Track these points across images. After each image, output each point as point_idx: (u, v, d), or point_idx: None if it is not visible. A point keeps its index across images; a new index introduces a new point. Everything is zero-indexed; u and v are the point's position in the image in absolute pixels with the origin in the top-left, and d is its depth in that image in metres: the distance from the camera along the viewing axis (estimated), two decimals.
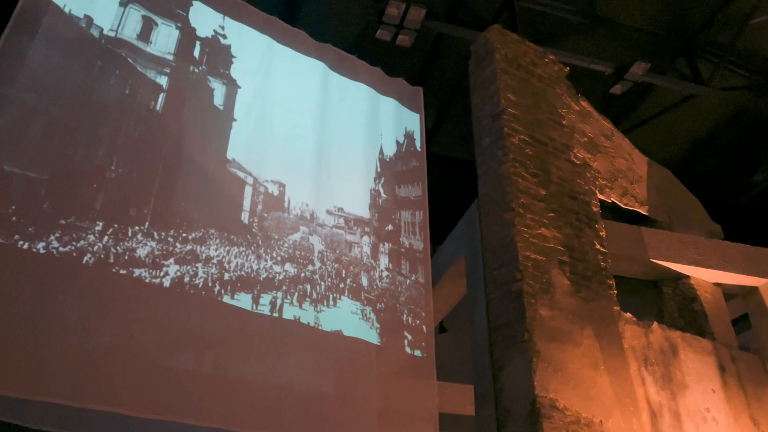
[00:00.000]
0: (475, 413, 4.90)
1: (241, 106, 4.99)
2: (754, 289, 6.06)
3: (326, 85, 5.58)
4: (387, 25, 7.03)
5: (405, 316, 5.16)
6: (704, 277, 5.99)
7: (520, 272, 4.70)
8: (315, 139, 5.28)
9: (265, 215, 4.76)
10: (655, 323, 5.33)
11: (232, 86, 5.01)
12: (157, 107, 4.53)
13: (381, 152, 5.74)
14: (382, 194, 5.55)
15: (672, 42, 8.82)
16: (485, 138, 5.54)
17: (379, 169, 5.65)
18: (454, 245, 6.22)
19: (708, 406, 5.14)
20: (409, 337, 5.09)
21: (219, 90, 4.95)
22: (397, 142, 5.93)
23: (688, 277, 5.98)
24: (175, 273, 4.08)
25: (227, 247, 4.40)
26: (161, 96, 4.58)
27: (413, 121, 6.15)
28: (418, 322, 5.19)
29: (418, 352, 5.08)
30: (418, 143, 6.06)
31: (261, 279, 4.48)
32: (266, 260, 4.58)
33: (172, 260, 4.10)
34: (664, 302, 6.00)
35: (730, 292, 6.24)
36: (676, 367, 5.18)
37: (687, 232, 6.12)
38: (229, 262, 4.36)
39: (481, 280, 5.13)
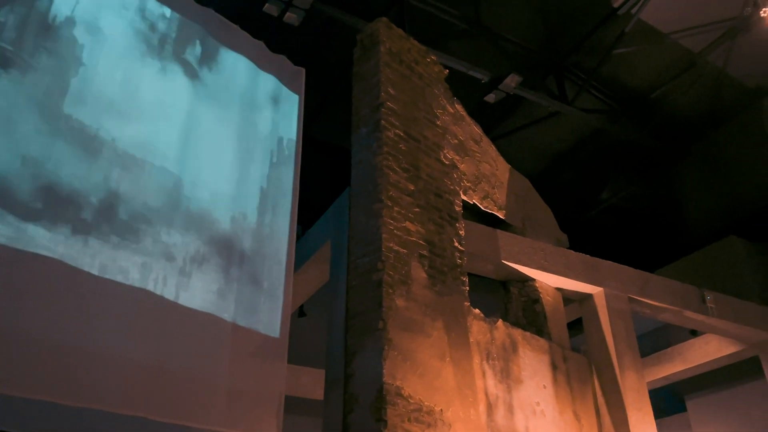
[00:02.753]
0: (323, 397, 4.97)
1: (108, 61, 4.64)
2: (589, 296, 6.63)
3: (204, 52, 5.34)
4: (275, 0, 6.89)
5: (264, 297, 5.10)
6: (548, 281, 6.48)
7: (382, 262, 4.81)
8: (186, 108, 5.03)
9: (128, 181, 4.47)
10: (500, 321, 5.68)
11: (100, 39, 4.65)
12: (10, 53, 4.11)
13: (255, 129, 5.59)
14: (254, 172, 5.42)
15: (544, 60, 9.41)
16: (362, 128, 5.60)
17: (252, 146, 5.50)
18: (321, 231, 6.24)
19: (538, 400, 5.58)
20: (266, 318, 5.04)
21: (87, 42, 4.56)
22: (273, 120, 5.80)
23: (534, 280, 6.43)
24: (12, 233, 3.74)
25: (83, 211, 4.10)
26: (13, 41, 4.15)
27: (292, 102, 6.06)
28: (276, 304, 5.14)
29: (272, 334, 5.04)
30: (294, 125, 5.98)
31: (115, 246, 4.22)
32: (123, 228, 4.32)
33: (11, 217, 3.75)
34: (511, 302, 6.42)
35: (568, 297, 6.79)
36: (514, 362, 5.57)
37: (537, 239, 6.57)
38: (82, 224, 4.07)
39: (344, 268, 5.19)
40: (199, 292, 4.60)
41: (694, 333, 8.58)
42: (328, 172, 8.84)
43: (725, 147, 10.83)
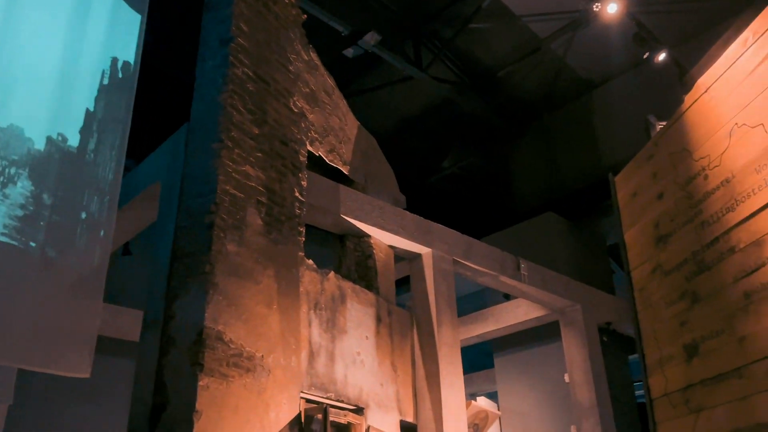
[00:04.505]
0: (139, 339, 4.75)
1: None
2: (418, 256, 6.94)
3: None
4: None
5: (81, 229, 4.70)
6: (382, 238, 6.67)
7: (216, 205, 4.65)
8: (2, 8, 4.38)
9: None
10: (332, 273, 5.77)
11: None
12: None
13: (86, 44, 5.02)
14: (79, 91, 4.90)
15: (405, 23, 9.52)
16: (209, 61, 5.30)
17: (80, 63, 4.95)
18: (154, 166, 5.86)
19: (360, 350, 5.78)
20: (82, 253, 4.66)
21: None
22: (108, 39, 5.25)
23: (369, 236, 6.60)
24: None
25: None
26: None
27: (132, 22, 5.52)
28: (94, 238, 4.77)
29: (88, 270, 4.68)
30: (134, 48, 5.47)
31: None
32: None
33: None
34: (345, 255, 6.54)
35: (399, 255, 7.06)
36: (341, 313, 5.70)
37: (377, 197, 6.71)
38: None
39: (174, 207, 4.94)
40: (2, 221, 4.12)
41: (507, 297, 9.37)
42: (166, 104, 8.29)
43: (555, 131, 11.82)
